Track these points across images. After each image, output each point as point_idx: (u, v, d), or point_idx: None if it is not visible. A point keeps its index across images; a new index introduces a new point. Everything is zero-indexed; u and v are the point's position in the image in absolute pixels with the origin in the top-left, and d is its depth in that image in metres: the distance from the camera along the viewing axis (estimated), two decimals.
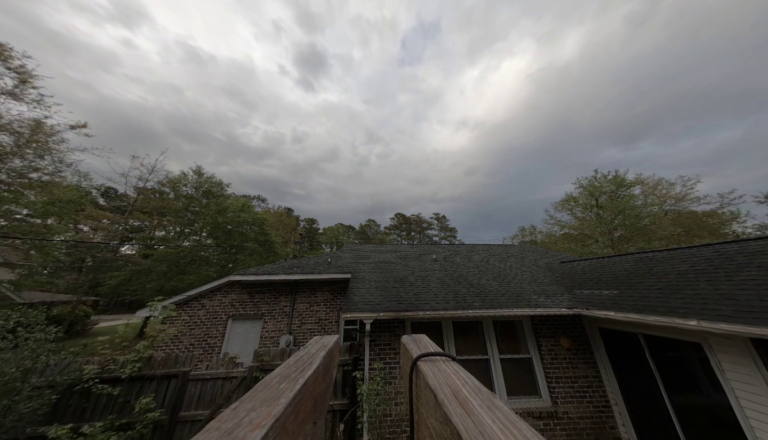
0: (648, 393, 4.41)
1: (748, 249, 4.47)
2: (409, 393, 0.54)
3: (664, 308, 4.04)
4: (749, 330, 3.03)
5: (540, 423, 4.86)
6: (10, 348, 3.94)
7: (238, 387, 4.66)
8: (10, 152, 10.67)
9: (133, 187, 18.21)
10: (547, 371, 5.25)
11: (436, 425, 0.37)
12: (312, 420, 0.47)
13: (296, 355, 0.57)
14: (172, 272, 16.36)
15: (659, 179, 22.00)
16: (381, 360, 5.25)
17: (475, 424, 0.29)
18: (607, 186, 20.49)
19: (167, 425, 4.34)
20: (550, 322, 5.65)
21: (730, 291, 3.70)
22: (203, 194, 20.95)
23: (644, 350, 4.47)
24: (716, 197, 20.07)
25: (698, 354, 3.75)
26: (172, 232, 19.80)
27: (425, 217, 67.97)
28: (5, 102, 10.60)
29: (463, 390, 0.39)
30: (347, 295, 6.29)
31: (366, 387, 4.45)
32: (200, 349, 7.78)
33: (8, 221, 11.41)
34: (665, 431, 4.10)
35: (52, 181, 12.05)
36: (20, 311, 4.50)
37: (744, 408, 3.26)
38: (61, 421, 4.11)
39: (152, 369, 4.59)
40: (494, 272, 7.90)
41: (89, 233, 19.86)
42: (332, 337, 0.75)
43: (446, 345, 5.50)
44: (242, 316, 8.40)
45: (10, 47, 10.49)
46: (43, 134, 11.42)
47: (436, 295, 6.04)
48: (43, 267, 14.59)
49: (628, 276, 5.54)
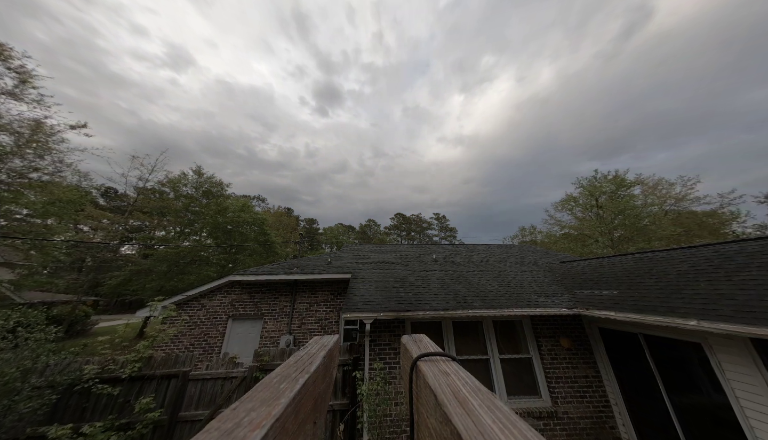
0: (648, 393, 4.40)
1: (748, 249, 4.47)
2: (409, 393, 0.54)
3: (664, 308, 4.04)
4: (749, 330, 3.03)
5: (540, 423, 4.86)
6: (10, 348, 3.94)
7: (238, 387, 4.66)
8: (10, 152, 10.67)
9: (133, 187, 18.23)
10: (547, 371, 5.25)
11: (436, 425, 0.37)
12: (312, 420, 0.47)
13: (296, 355, 0.57)
14: (172, 272, 16.35)
15: (659, 179, 21.98)
16: (381, 360, 5.25)
17: (475, 424, 0.29)
18: (607, 186, 20.49)
19: (167, 425, 4.34)
20: (550, 322, 5.65)
21: (730, 291, 3.70)
22: (203, 194, 20.96)
23: (644, 350, 4.47)
24: (716, 197, 20.08)
25: (698, 354, 3.75)
26: (172, 232, 19.81)
27: (425, 217, 68.04)
28: (5, 102, 10.61)
29: (463, 390, 0.39)
30: (347, 295, 6.29)
31: (366, 387, 4.45)
32: (200, 349, 7.78)
33: (8, 221, 11.41)
34: (665, 431, 4.10)
35: (52, 181, 12.05)
36: (20, 311, 4.50)
37: (744, 408, 3.26)
38: (61, 421, 4.11)
39: (152, 369, 4.59)
40: (494, 272, 7.90)
41: (89, 233, 19.86)
42: (332, 337, 0.75)
43: (446, 345, 5.50)
44: (242, 316, 8.40)
45: (11, 47, 10.50)
46: (43, 134, 11.43)
47: (436, 295, 6.04)
48: (43, 267, 14.59)
49: (628, 276, 5.53)
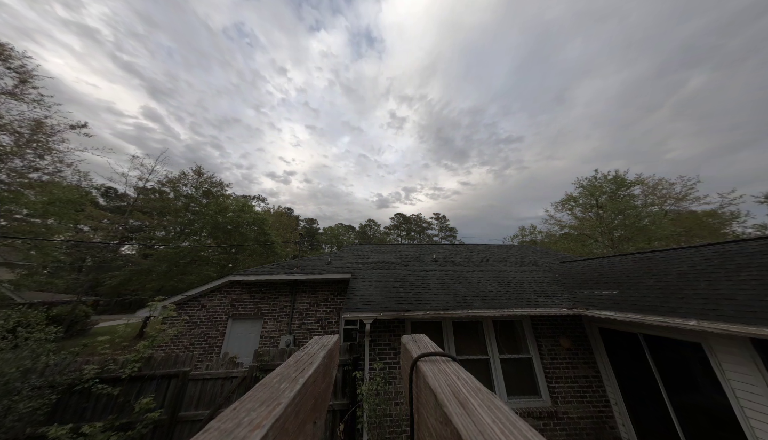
0: (648, 393, 4.40)
1: (748, 249, 4.47)
2: (409, 393, 0.54)
3: (664, 308, 4.04)
4: (749, 330, 3.03)
5: (540, 423, 4.86)
6: (9, 348, 3.94)
7: (238, 387, 4.66)
8: (10, 152, 10.67)
9: (133, 187, 18.21)
10: (547, 371, 5.24)
11: (436, 425, 0.37)
12: (312, 420, 0.46)
13: (296, 355, 0.57)
14: (172, 272, 16.35)
15: (659, 179, 21.98)
16: (381, 360, 5.25)
17: (475, 424, 0.29)
18: (607, 186, 20.47)
19: (167, 425, 4.34)
20: (550, 322, 5.65)
21: (730, 291, 3.70)
22: (203, 193, 20.97)
23: (644, 350, 4.47)
24: (716, 197, 20.08)
25: (698, 354, 3.75)
26: (172, 232, 19.80)
27: (425, 217, 68.05)
28: (5, 102, 10.62)
29: (463, 390, 0.39)
30: (347, 295, 6.29)
31: (366, 387, 4.45)
32: (200, 349, 7.78)
33: (8, 221, 11.41)
34: (665, 431, 4.10)
35: (52, 181, 12.06)
36: (20, 311, 4.50)
37: (744, 408, 3.26)
38: (61, 421, 4.11)
39: (152, 369, 4.59)
40: (494, 272, 7.90)
41: (89, 233, 19.83)
42: (332, 337, 0.75)
43: (446, 345, 5.50)
44: (242, 316, 8.40)
45: (11, 47, 10.50)
46: (43, 134, 11.43)
47: (436, 295, 6.04)
48: (43, 267, 14.59)
49: (628, 276, 5.53)
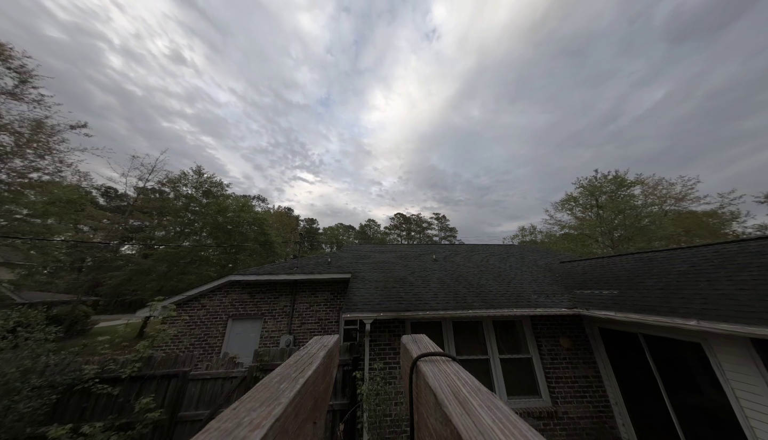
0: (648, 393, 4.40)
1: (749, 249, 4.47)
2: (409, 393, 0.54)
3: (664, 308, 4.04)
4: (749, 330, 3.03)
5: (540, 423, 4.86)
6: (9, 348, 3.94)
7: (238, 387, 4.66)
8: (10, 152, 10.68)
9: (133, 187, 18.23)
10: (547, 371, 5.24)
11: (436, 425, 0.37)
12: (312, 420, 0.47)
13: (296, 355, 0.57)
14: (173, 272, 16.35)
15: (659, 179, 22.04)
16: (381, 360, 5.25)
17: (475, 424, 0.29)
18: (607, 186, 20.49)
19: (167, 425, 4.34)
20: (550, 322, 5.65)
21: (731, 291, 3.70)
22: (203, 193, 20.97)
23: (644, 350, 4.47)
24: (716, 197, 20.10)
25: (698, 354, 3.75)
26: (172, 232, 19.80)
27: (425, 217, 68.03)
28: (5, 102, 10.62)
29: (463, 390, 0.39)
30: (347, 295, 6.29)
31: (366, 387, 4.45)
32: (200, 349, 7.78)
33: (8, 221, 11.41)
34: (665, 431, 4.10)
35: (52, 181, 12.06)
36: (20, 311, 4.50)
37: (744, 408, 3.25)
38: (61, 421, 4.11)
39: (152, 368, 4.58)
40: (494, 272, 7.90)
41: (89, 233, 19.84)
42: (332, 337, 0.75)
43: (446, 345, 5.50)
44: (242, 316, 8.40)
45: (11, 47, 10.50)
46: (44, 134, 11.43)
47: (436, 295, 6.04)
48: (43, 267, 14.60)
49: (628, 276, 5.53)
